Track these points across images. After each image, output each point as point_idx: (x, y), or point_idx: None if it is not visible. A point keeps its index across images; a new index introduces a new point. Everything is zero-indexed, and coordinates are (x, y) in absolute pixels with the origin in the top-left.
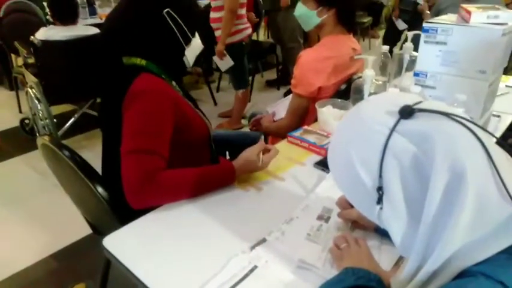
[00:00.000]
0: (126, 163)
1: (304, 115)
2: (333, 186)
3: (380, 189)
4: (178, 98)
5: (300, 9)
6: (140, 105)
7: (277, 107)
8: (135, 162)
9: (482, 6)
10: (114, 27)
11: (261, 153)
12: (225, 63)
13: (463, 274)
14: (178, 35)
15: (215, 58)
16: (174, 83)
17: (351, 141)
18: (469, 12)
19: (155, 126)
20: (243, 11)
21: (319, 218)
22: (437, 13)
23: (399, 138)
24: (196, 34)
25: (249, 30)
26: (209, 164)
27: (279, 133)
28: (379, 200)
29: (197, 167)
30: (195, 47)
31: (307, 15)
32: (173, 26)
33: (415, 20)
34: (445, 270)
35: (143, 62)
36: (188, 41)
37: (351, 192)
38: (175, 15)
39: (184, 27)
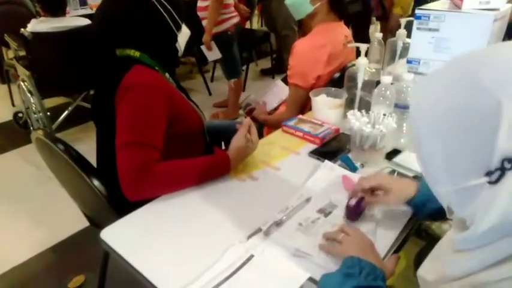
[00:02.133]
0: (121, 156)
1: (304, 105)
2: (327, 175)
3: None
4: (171, 90)
5: None
6: (133, 98)
7: (267, 96)
8: (130, 155)
9: None
10: (106, 18)
11: (248, 134)
12: (212, 54)
13: None
14: (169, 21)
15: (203, 48)
16: (167, 75)
17: None
18: None
19: (149, 118)
20: (231, 0)
21: (320, 211)
22: None
23: None
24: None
25: (235, 20)
26: (203, 155)
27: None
28: (497, 173)
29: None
30: (184, 33)
31: (299, 4)
32: (164, 13)
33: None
34: None
35: (137, 54)
36: (179, 28)
37: (448, 141)
38: (164, 2)
39: (174, 13)
